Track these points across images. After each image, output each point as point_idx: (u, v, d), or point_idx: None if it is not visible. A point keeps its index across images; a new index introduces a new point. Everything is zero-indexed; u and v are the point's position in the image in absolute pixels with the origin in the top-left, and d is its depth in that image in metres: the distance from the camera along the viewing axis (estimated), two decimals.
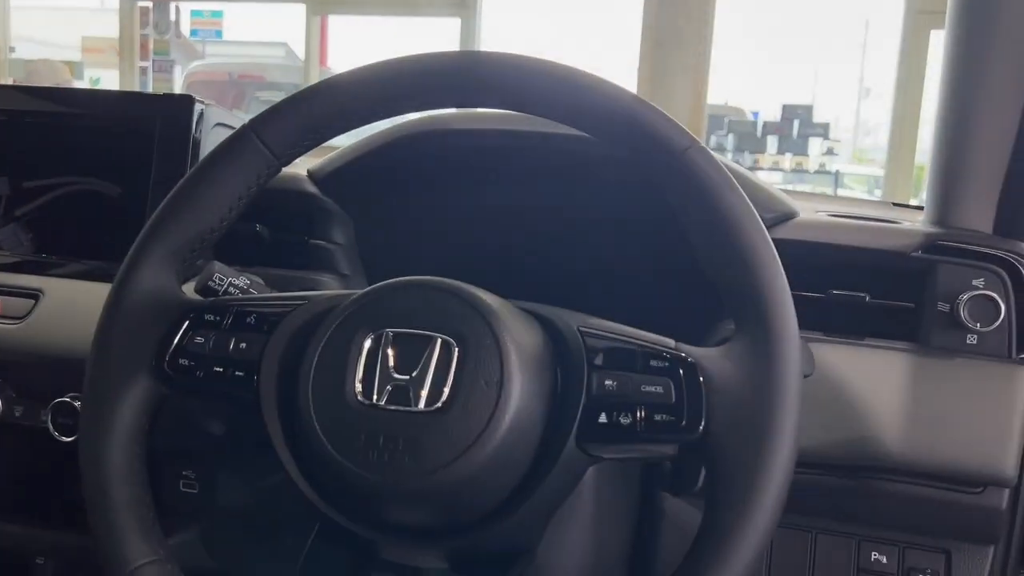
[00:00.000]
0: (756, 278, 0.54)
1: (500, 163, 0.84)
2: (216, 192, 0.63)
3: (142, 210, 0.90)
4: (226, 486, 0.87)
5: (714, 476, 0.52)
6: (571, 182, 0.82)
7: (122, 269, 0.63)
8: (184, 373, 0.60)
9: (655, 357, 0.54)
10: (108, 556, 0.58)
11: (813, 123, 6.72)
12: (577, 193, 0.82)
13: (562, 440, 0.54)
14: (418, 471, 0.52)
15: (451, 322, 0.55)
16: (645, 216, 0.79)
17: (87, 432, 0.60)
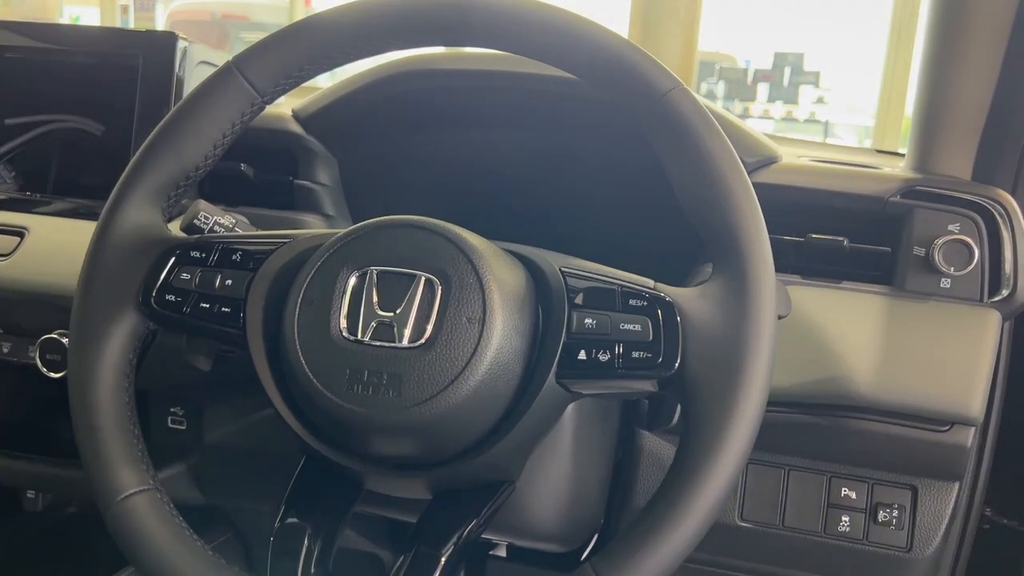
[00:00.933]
0: (734, 220, 0.55)
1: (485, 104, 0.83)
2: (200, 129, 0.63)
3: (126, 148, 0.90)
4: (213, 422, 0.89)
5: (689, 411, 0.53)
6: (556, 124, 0.82)
7: (107, 206, 0.63)
8: (170, 308, 0.61)
9: (634, 296, 0.55)
10: (99, 485, 0.59)
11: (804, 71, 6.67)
12: (562, 136, 0.83)
13: (542, 376, 0.55)
14: (401, 405, 0.53)
15: (435, 261, 0.56)
16: (628, 159, 0.79)
17: (75, 365, 0.60)
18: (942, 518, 0.75)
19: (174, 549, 0.57)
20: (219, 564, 0.57)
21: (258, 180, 0.88)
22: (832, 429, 0.72)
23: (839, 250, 0.75)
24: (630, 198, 0.82)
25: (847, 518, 0.75)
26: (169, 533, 0.57)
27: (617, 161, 0.81)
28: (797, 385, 0.71)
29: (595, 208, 0.84)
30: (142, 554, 0.57)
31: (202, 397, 0.88)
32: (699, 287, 0.56)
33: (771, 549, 0.78)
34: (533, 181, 0.85)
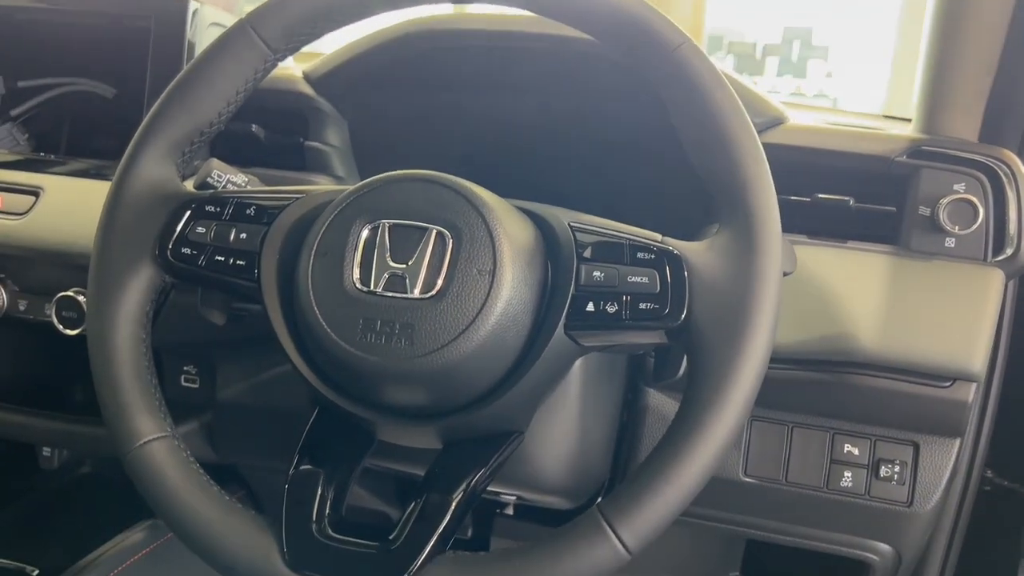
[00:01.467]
0: (742, 174, 0.56)
1: (495, 66, 0.84)
2: (214, 86, 0.64)
3: (137, 111, 0.91)
4: (226, 380, 0.90)
5: (694, 360, 0.54)
6: (566, 86, 0.83)
7: (123, 161, 0.64)
8: (186, 261, 0.62)
9: (642, 250, 0.56)
10: (118, 433, 0.60)
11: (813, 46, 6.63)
12: (572, 97, 0.83)
13: (551, 327, 0.56)
14: (413, 353, 0.54)
15: (446, 214, 0.57)
16: (638, 119, 0.80)
17: (94, 316, 0.62)
18: (943, 474, 0.76)
19: (191, 493, 0.58)
20: (235, 508, 0.58)
21: (269, 141, 0.89)
22: (835, 385, 0.74)
23: (845, 210, 0.75)
24: (640, 159, 0.83)
25: (849, 473, 0.77)
26: (186, 478, 0.59)
27: (627, 121, 0.81)
28: (801, 342, 0.72)
29: (605, 168, 0.85)
30: (160, 498, 0.59)
31: (215, 355, 0.90)
32: (706, 241, 0.57)
33: (774, 504, 0.79)
34: (543, 142, 0.85)
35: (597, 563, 0.52)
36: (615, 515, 0.53)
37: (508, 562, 0.54)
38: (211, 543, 0.57)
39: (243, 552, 0.57)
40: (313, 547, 0.56)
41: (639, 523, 0.52)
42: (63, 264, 0.87)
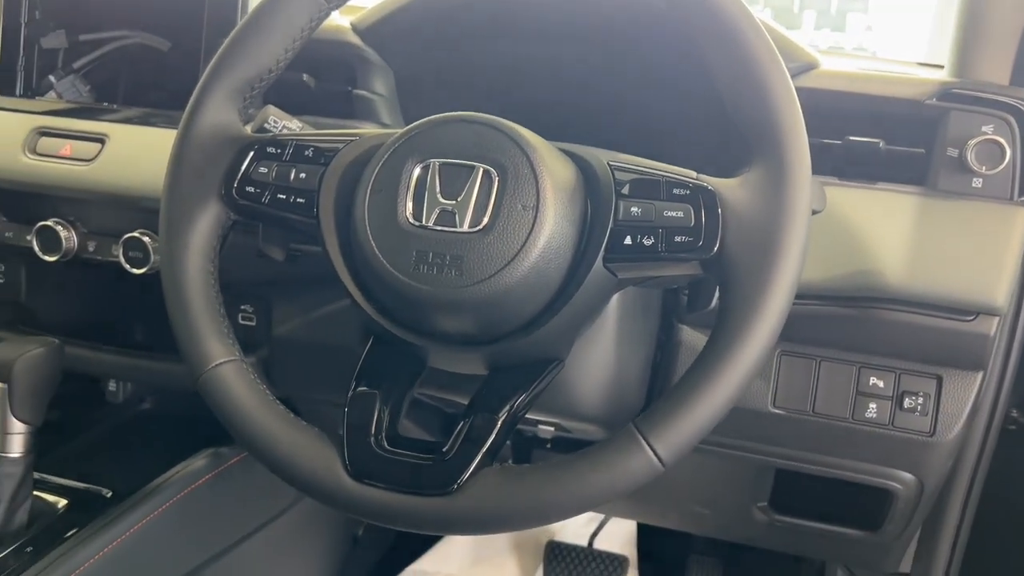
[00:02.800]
0: (774, 114, 0.59)
1: (538, 15, 0.87)
2: (273, 34, 0.68)
3: (190, 64, 0.95)
4: (281, 318, 0.95)
5: (725, 290, 0.58)
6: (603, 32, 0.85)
7: (190, 105, 0.69)
8: (250, 199, 0.67)
9: (678, 186, 0.60)
10: (191, 357, 0.66)
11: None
12: (609, 42, 0.86)
13: (591, 260, 0.60)
14: (463, 283, 0.58)
15: (492, 153, 0.61)
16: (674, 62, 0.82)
17: (166, 250, 0.67)
18: (965, 405, 0.79)
19: (260, 412, 0.64)
20: (300, 425, 0.64)
21: (319, 90, 0.93)
22: (862, 320, 0.77)
23: (875, 152, 0.78)
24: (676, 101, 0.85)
25: (874, 405, 0.80)
26: (255, 398, 0.64)
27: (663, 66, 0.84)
28: (830, 279, 0.76)
29: (642, 111, 0.87)
30: (232, 415, 0.64)
31: (270, 294, 0.95)
32: (739, 177, 0.60)
33: (802, 434, 0.83)
34: (583, 86, 0.88)
35: (633, 473, 0.57)
36: (650, 430, 0.57)
37: (550, 472, 0.58)
38: (280, 457, 0.63)
39: (309, 465, 0.62)
40: (372, 459, 0.61)
41: (672, 437, 0.56)
42: (129, 207, 0.92)
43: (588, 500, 0.58)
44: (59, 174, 0.93)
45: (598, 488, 0.57)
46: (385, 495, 0.60)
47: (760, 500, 0.98)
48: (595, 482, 0.57)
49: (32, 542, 0.90)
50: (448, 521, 0.60)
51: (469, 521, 0.59)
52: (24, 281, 1.07)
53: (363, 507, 0.61)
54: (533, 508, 0.58)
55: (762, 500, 0.98)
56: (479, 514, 0.59)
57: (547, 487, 0.58)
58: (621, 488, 0.57)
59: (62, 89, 1.02)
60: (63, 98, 1.01)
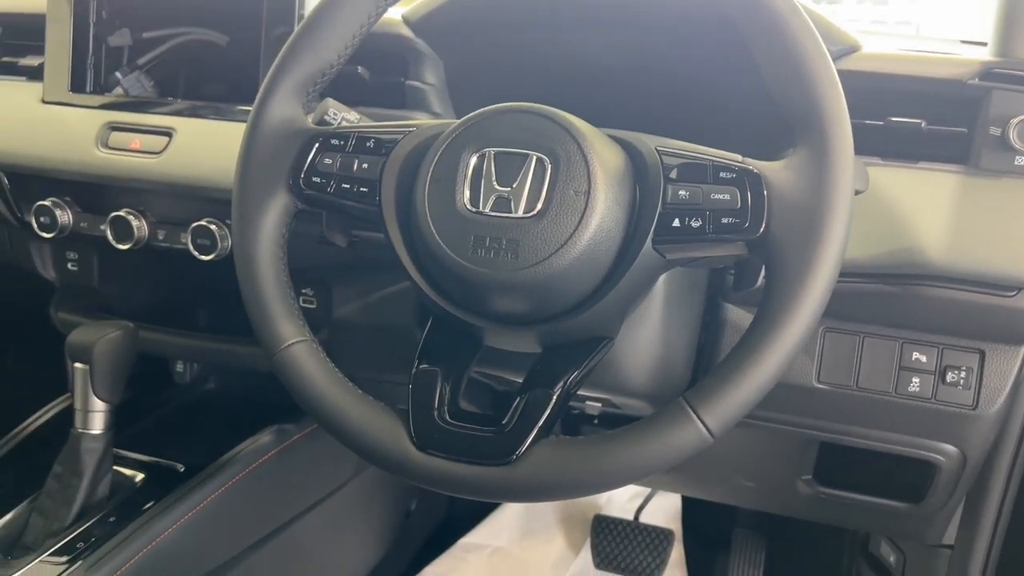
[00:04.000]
0: (816, 97, 0.61)
1: (585, 3, 0.89)
2: (335, 29, 0.71)
3: (248, 59, 0.99)
4: (341, 300, 1.00)
5: (771, 269, 0.60)
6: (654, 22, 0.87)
7: (257, 101, 0.73)
8: (316, 189, 0.71)
9: (724, 169, 0.62)
10: (265, 338, 0.70)
11: None
12: (657, 32, 0.88)
13: (640, 242, 0.63)
14: (518, 265, 0.62)
15: (545, 141, 0.64)
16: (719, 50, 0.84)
17: (239, 238, 0.71)
18: (1007, 379, 0.81)
19: (331, 388, 0.68)
20: (368, 400, 0.68)
21: (372, 82, 0.96)
22: (905, 297, 0.79)
23: (917, 132, 0.79)
24: (721, 88, 0.87)
25: (917, 379, 0.82)
26: (325, 375, 0.69)
27: (709, 53, 0.86)
28: (874, 256, 0.77)
29: (689, 98, 0.89)
30: (304, 392, 0.68)
31: (331, 278, 0.99)
32: (784, 160, 0.62)
33: (845, 408, 0.85)
34: (630, 74, 0.90)
35: (683, 444, 0.60)
36: (699, 402, 0.60)
37: (604, 443, 0.62)
38: (350, 430, 0.67)
39: (378, 437, 0.66)
40: (436, 431, 0.65)
41: (720, 409, 0.59)
42: (195, 197, 0.97)
43: (640, 469, 0.61)
44: (130, 167, 0.98)
45: (650, 458, 0.60)
46: (448, 465, 0.64)
47: (804, 473, 1.00)
48: (647, 452, 0.61)
49: (114, 513, 0.96)
50: (508, 489, 0.63)
51: (527, 489, 0.63)
52: (97, 269, 1.13)
53: (428, 476, 0.65)
54: (588, 477, 0.62)
55: (806, 473, 1.00)
56: (537, 482, 0.62)
57: (601, 457, 0.61)
58: (672, 458, 0.60)
59: (128, 85, 1.07)
60: (129, 93, 1.06)
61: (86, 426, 0.96)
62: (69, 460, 0.96)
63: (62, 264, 1.14)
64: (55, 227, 1.03)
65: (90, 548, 0.91)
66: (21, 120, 1.05)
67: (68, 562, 0.89)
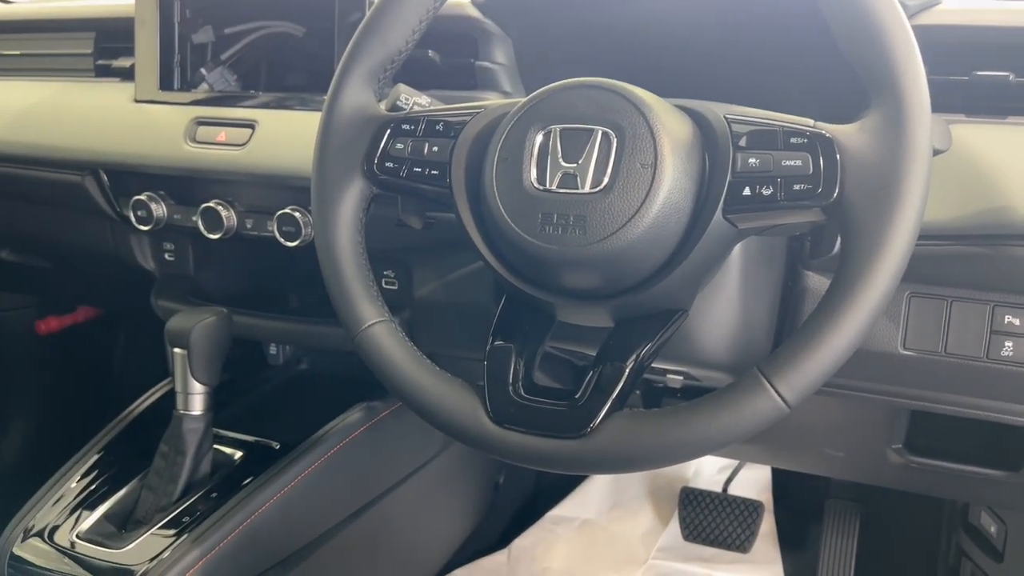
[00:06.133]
0: (890, 56, 0.59)
1: None
2: (401, 17, 0.73)
3: (324, 47, 1.02)
4: (421, 280, 1.02)
5: (847, 235, 0.59)
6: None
7: (330, 91, 0.75)
8: (389, 173, 0.73)
9: (795, 135, 0.61)
10: (347, 319, 0.73)
11: None
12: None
13: (710, 212, 0.62)
14: (587, 241, 0.62)
15: (610, 115, 0.64)
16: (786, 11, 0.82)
17: (319, 223, 0.74)
18: None
19: (411, 365, 0.70)
20: (445, 376, 0.70)
21: (443, 64, 0.98)
22: (995, 258, 0.75)
23: (1004, 86, 0.76)
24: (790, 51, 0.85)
25: (1010, 343, 0.79)
26: (405, 353, 0.71)
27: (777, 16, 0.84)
28: (959, 218, 0.75)
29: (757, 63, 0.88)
30: (386, 370, 0.71)
31: (411, 259, 1.02)
32: (857, 123, 0.61)
33: (933, 375, 0.83)
34: (697, 43, 0.89)
35: (758, 414, 0.60)
36: (773, 372, 0.59)
37: (676, 414, 0.62)
38: (429, 405, 0.69)
39: (455, 411, 0.68)
40: (511, 406, 0.66)
41: (796, 378, 0.59)
42: (280, 185, 1.00)
43: (713, 440, 0.61)
44: (217, 159, 1.02)
45: (723, 429, 0.60)
46: (524, 438, 0.65)
47: (895, 442, 0.98)
48: (721, 424, 0.61)
49: (216, 489, 1.02)
50: (582, 461, 0.64)
51: (602, 461, 0.64)
52: (192, 257, 1.18)
53: (504, 449, 0.66)
54: (661, 448, 0.62)
55: (897, 442, 0.98)
56: (611, 454, 0.63)
57: (674, 429, 0.62)
58: (746, 429, 0.60)
59: (212, 80, 1.11)
60: (214, 88, 1.10)
61: (187, 408, 1.01)
62: (173, 440, 1.02)
63: (160, 255, 1.20)
64: (151, 220, 1.09)
65: (195, 522, 0.96)
66: (116, 119, 1.11)
67: (176, 535, 0.95)
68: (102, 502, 1.02)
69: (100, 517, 1.01)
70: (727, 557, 1.60)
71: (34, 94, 1.20)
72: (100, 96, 1.15)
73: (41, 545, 0.97)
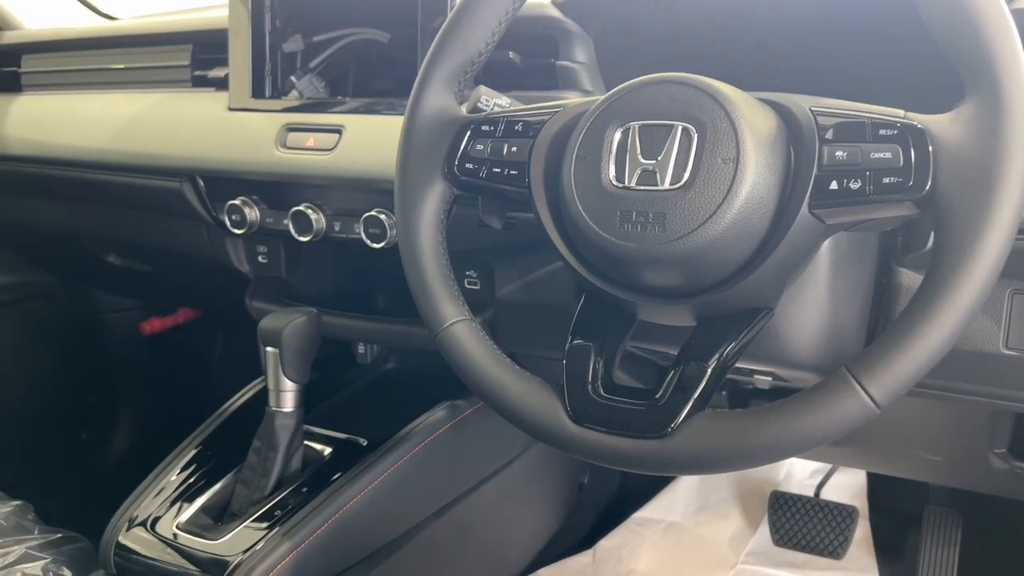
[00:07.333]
0: (986, 42, 0.57)
1: None
2: (480, 20, 0.74)
3: (409, 52, 1.03)
4: (503, 280, 1.03)
5: (940, 229, 0.57)
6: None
7: (412, 94, 0.76)
8: (469, 175, 0.74)
9: (885, 126, 0.59)
10: (428, 318, 0.74)
11: None
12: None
13: (796, 208, 0.61)
14: (667, 238, 0.62)
15: (690, 110, 0.63)
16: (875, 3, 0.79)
17: (402, 224, 0.75)
18: None
19: (491, 364, 0.71)
20: (525, 375, 0.70)
21: (524, 65, 0.98)
22: None
23: None
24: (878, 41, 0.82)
25: None
26: (486, 352, 0.72)
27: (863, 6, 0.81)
28: None
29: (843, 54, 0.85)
30: (467, 368, 0.72)
31: (492, 260, 1.03)
32: (951, 113, 0.58)
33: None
34: (781, 34, 0.87)
35: (845, 415, 0.58)
36: (862, 372, 0.57)
37: (760, 415, 0.61)
38: (510, 403, 0.70)
39: (535, 410, 0.68)
40: (590, 405, 0.66)
41: (886, 379, 0.57)
42: (366, 189, 1.03)
43: (798, 442, 0.60)
44: (306, 164, 1.06)
45: (808, 430, 0.59)
46: (603, 437, 0.65)
47: (998, 446, 0.93)
48: (805, 424, 0.59)
49: (307, 483, 1.05)
50: (663, 462, 0.64)
51: (683, 462, 0.63)
52: (283, 260, 1.22)
53: (583, 448, 0.66)
54: (743, 450, 0.61)
55: (1000, 446, 0.93)
56: (692, 455, 0.62)
57: (757, 429, 0.60)
58: (833, 430, 0.59)
59: (302, 87, 1.14)
60: (303, 95, 1.14)
61: (279, 405, 1.05)
62: (266, 436, 1.05)
63: (253, 257, 1.24)
64: (245, 224, 1.13)
65: (287, 515, 0.99)
66: (211, 127, 1.15)
67: (268, 528, 0.98)
68: (200, 495, 1.06)
69: (198, 509, 1.05)
70: (819, 563, 1.56)
71: (136, 105, 1.26)
72: (196, 105, 1.20)
73: (144, 535, 1.02)
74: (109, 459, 1.89)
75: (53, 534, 1.14)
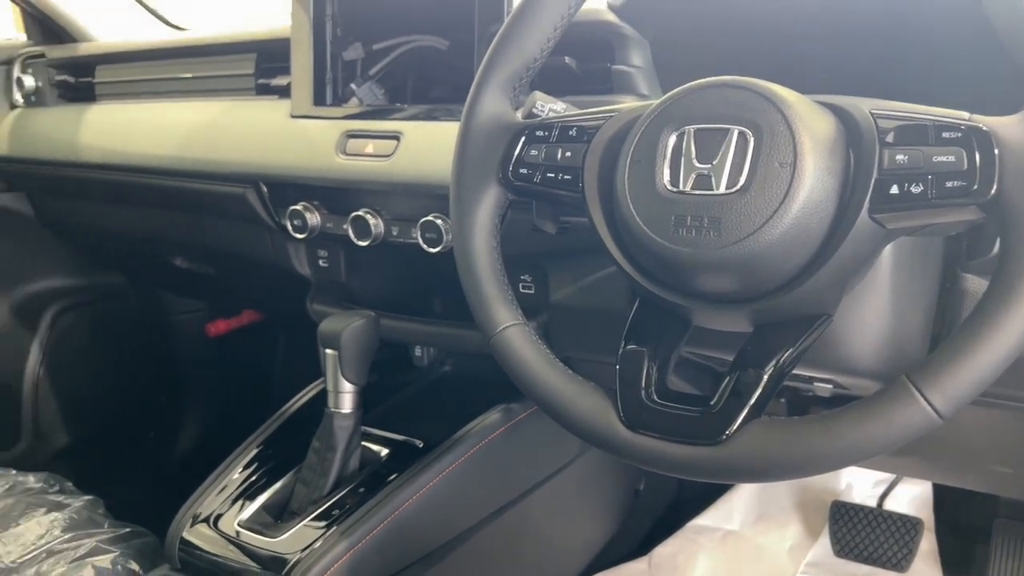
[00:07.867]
0: None
1: None
2: (536, 26, 0.74)
3: (467, 58, 1.04)
4: (557, 285, 1.03)
5: (1006, 234, 0.55)
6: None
7: (468, 100, 0.77)
8: (524, 180, 0.74)
9: (948, 129, 0.57)
10: (482, 322, 0.75)
11: None
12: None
13: (855, 212, 0.60)
14: (722, 243, 0.61)
15: (746, 114, 0.62)
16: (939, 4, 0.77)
17: (457, 229, 0.76)
18: None
19: (544, 368, 0.71)
20: (578, 379, 0.70)
21: (580, 70, 0.98)
22: None
23: None
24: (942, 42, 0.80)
25: None
26: (539, 356, 0.72)
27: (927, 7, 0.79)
28: None
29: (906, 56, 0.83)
30: (520, 372, 0.72)
31: (547, 264, 1.03)
32: (1018, 114, 0.57)
33: None
34: (839, 37, 0.86)
35: (906, 424, 0.57)
36: (923, 380, 0.56)
37: (818, 423, 0.60)
38: (563, 408, 0.70)
39: (588, 415, 0.68)
40: (644, 411, 0.66)
41: (949, 387, 0.55)
42: (423, 194, 1.04)
43: (856, 451, 0.58)
44: (365, 170, 1.07)
45: (867, 439, 0.58)
46: (656, 443, 0.65)
47: None
48: (864, 433, 0.58)
49: (364, 484, 1.07)
50: (717, 469, 0.63)
51: (737, 469, 0.63)
52: (343, 264, 1.25)
53: (636, 454, 0.66)
54: (800, 458, 0.60)
55: None
56: (747, 462, 0.62)
57: (814, 438, 0.59)
58: (893, 440, 0.57)
59: (362, 95, 1.16)
60: (363, 103, 1.16)
61: (337, 406, 1.07)
62: (324, 436, 1.07)
63: (314, 261, 1.27)
64: (306, 228, 1.15)
65: (344, 515, 1.01)
66: (274, 134, 1.18)
67: (326, 527, 1.00)
68: (261, 493, 1.09)
69: (259, 507, 1.07)
70: None
71: (203, 113, 1.30)
72: (260, 113, 1.23)
73: (207, 531, 1.05)
74: (175, 457, 1.95)
75: (122, 528, 1.18)
